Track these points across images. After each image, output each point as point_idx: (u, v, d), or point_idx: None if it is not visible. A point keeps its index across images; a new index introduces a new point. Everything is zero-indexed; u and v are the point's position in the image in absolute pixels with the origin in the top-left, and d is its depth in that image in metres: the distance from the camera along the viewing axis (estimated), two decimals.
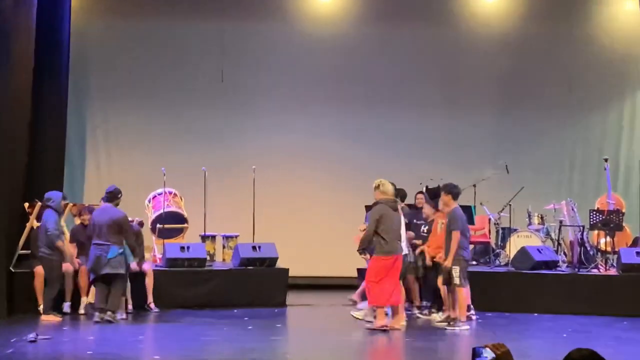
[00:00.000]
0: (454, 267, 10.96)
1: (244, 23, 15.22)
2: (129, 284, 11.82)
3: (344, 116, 15.24)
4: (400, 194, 11.75)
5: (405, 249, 11.26)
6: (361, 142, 15.07)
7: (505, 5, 15.36)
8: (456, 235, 10.99)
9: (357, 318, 11.38)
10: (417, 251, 12.06)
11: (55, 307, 11.70)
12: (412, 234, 12.11)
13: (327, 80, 15.30)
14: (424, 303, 12.47)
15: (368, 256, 10.91)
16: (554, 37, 15.35)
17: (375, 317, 10.90)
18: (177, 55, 15.22)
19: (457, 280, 10.99)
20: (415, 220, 12.43)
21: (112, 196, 11.59)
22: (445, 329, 10.99)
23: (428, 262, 11.88)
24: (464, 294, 11.20)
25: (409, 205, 13.08)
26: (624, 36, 15.21)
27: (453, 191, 11.38)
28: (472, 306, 11.71)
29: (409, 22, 15.30)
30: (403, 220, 11.30)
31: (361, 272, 12.16)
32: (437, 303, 11.87)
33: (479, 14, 15.40)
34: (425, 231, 12.13)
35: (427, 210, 12.02)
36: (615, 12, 15.32)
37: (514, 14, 15.36)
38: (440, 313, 11.60)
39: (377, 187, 10.97)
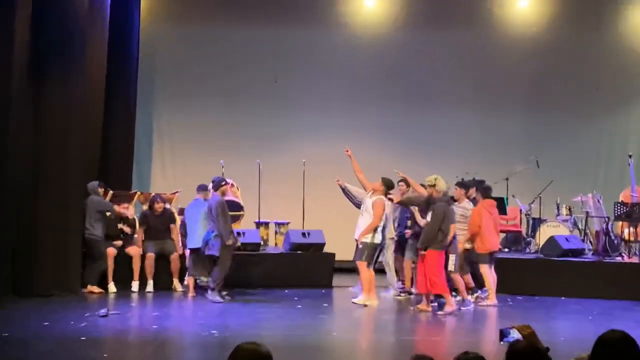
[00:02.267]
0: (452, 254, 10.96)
1: (295, 29, 15.28)
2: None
3: (384, 114, 15.26)
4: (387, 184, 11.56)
5: None
6: (400, 138, 15.05)
7: (536, 11, 15.28)
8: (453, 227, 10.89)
9: (360, 304, 11.28)
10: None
11: (100, 282, 11.89)
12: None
13: (369, 80, 15.31)
14: None
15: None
16: (582, 40, 15.22)
17: (445, 305, 10.79)
18: (234, 59, 15.30)
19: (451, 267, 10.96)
20: None
21: (216, 185, 11.65)
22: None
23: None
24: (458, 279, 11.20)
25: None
26: None
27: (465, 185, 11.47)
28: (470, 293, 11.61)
29: (445, 27, 15.25)
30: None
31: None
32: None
33: (511, 19, 15.34)
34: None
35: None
36: (638, 18, 15.08)
37: (544, 19, 15.28)
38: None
39: (433, 185, 10.86)
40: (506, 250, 14.05)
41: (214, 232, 11.44)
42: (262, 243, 13.41)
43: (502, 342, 4.74)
